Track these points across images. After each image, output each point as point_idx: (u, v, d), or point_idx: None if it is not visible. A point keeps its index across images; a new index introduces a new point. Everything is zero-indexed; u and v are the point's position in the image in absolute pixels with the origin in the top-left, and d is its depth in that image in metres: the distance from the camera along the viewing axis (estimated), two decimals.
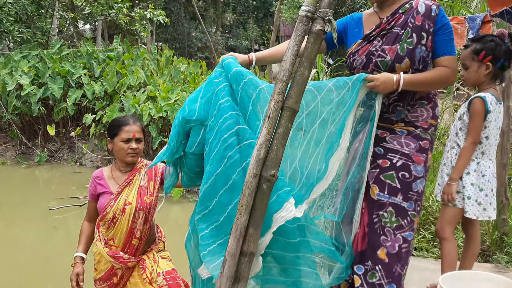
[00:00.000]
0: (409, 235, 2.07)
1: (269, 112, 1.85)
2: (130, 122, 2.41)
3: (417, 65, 2.01)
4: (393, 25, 2.05)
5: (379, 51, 2.05)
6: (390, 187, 2.05)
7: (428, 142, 2.10)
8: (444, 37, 2.02)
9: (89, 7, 10.79)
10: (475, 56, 2.33)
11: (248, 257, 1.91)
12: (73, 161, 8.48)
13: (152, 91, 7.49)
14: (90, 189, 2.46)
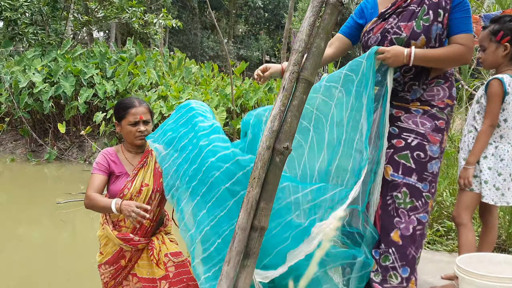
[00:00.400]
0: (423, 217, 2.01)
1: (284, 83, 1.82)
2: (136, 104, 2.34)
3: (433, 43, 1.97)
4: (409, 3, 2.02)
5: (395, 28, 2.02)
6: (404, 167, 2.00)
7: (444, 122, 2.04)
8: (461, 14, 1.97)
9: (103, 10, 10.93)
10: (493, 37, 2.24)
11: (259, 231, 1.86)
12: (82, 159, 8.51)
13: (164, 90, 7.52)
14: (101, 163, 2.33)
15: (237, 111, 7.20)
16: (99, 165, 2.32)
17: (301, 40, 1.83)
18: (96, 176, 2.29)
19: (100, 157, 2.35)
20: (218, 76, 9.60)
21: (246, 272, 1.89)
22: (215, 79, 8.94)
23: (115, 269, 2.36)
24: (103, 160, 2.33)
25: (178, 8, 20.82)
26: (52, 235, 5.10)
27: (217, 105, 6.84)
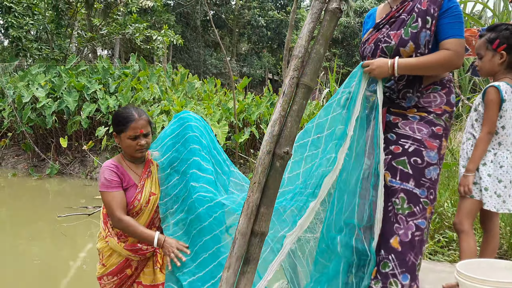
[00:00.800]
0: (421, 223, 2.00)
1: (284, 89, 1.84)
2: (136, 117, 2.24)
3: (423, 49, 1.99)
4: (401, 12, 2.06)
5: (385, 37, 2.06)
6: (402, 173, 2.01)
7: (441, 128, 2.04)
8: (450, 20, 1.98)
9: (107, 27, 11.10)
10: (489, 45, 2.30)
11: (259, 237, 1.86)
12: (84, 174, 8.52)
13: (166, 105, 7.57)
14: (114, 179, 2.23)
15: (240, 125, 7.22)
16: (113, 181, 2.23)
17: (300, 46, 1.86)
18: (115, 194, 2.21)
19: (109, 173, 2.25)
20: (221, 91, 9.68)
21: (246, 279, 1.88)
22: (218, 94, 9.00)
23: (119, 279, 2.31)
24: (114, 175, 2.25)
25: (182, 26, 21.10)
26: (53, 249, 5.07)
27: (219, 119, 6.87)
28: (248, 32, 26.66)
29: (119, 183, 2.23)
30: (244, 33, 26.91)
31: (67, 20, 10.64)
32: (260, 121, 7.54)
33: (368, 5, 22.18)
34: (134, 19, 10.91)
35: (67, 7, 10.42)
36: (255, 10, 25.14)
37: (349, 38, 21.87)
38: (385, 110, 2.13)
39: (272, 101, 8.14)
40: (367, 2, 22.56)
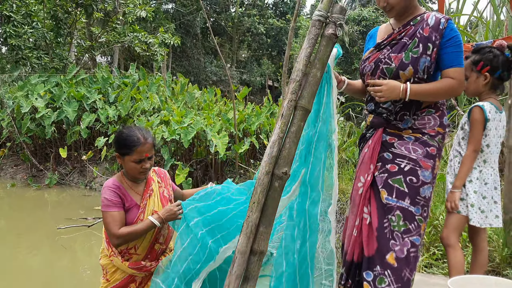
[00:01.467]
0: (416, 240, 2.06)
1: (283, 111, 1.89)
2: (141, 141, 2.23)
3: (421, 74, 2.06)
4: (403, 36, 2.12)
5: (386, 59, 2.12)
6: (398, 191, 2.07)
7: (435, 149, 2.11)
8: (452, 49, 2.05)
9: (106, 36, 11.17)
10: (474, 66, 2.40)
11: (258, 255, 1.89)
12: (83, 184, 8.54)
13: (166, 115, 7.62)
14: (114, 199, 2.25)
15: (240, 136, 7.27)
16: (114, 201, 2.24)
17: (298, 70, 1.91)
18: (115, 213, 2.22)
19: (110, 193, 2.25)
20: (221, 101, 9.73)
21: None
22: (218, 104, 9.06)
23: None
24: (116, 196, 2.26)
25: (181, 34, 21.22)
26: (53, 261, 5.08)
27: (220, 130, 6.91)
28: (248, 39, 26.82)
29: (120, 203, 2.25)
30: (244, 40, 27.07)
31: (67, 29, 10.72)
32: (260, 131, 7.59)
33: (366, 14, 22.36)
34: (131, 29, 10.98)
35: (66, 16, 10.50)
36: (255, 17, 25.30)
37: (348, 46, 21.95)
38: (381, 130, 2.19)
39: (272, 111, 8.20)
40: (366, 11, 22.75)
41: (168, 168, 6.95)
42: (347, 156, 6.75)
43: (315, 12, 1.94)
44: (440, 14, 2.11)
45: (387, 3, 2.08)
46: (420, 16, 2.12)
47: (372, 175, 2.16)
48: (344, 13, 1.97)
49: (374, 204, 2.12)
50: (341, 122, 8.71)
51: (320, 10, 1.94)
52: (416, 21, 2.12)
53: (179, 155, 7.22)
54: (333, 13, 1.96)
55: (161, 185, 2.48)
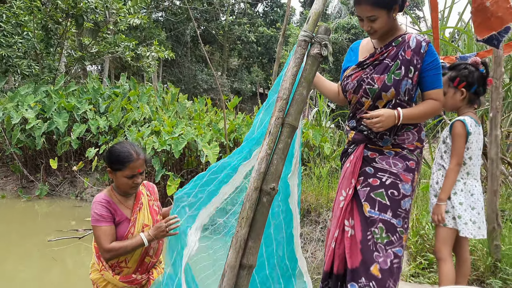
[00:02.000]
0: (399, 251, 2.14)
1: (270, 128, 1.94)
2: (134, 157, 2.27)
3: (402, 96, 2.16)
4: (385, 56, 2.21)
5: (369, 79, 2.21)
6: (380, 204, 2.15)
7: (414, 163, 2.22)
8: (433, 72, 2.17)
9: (96, 46, 11.18)
10: (451, 82, 2.50)
11: (247, 270, 1.94)
12: (73, 195, 8.50)
13: (157, 125, 7.64)
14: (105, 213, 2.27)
15: (230, 146, 7.31)
16: (104, 216, 2.26)
17: (285, 88, 1.97)
18: (106, 228, 2.25)
19: (100, 208, 2.28)
20: (212, 110, 9.78)
21: None
22: (209, 114, 9.10)
23: None
24: (106, 211, 2.29)
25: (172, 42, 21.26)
26: (43, 274, 5.06)
27: (210, 140, 6.95)
28: (238, 48, 26.95)
29: (110, 218, 2.28)
30: (235, 48, 27.19)
31: (57, 40, 10.71)
32: None
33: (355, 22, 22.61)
34: (122, 39, 11.01)
35: (57, 26, 10.50)
36: (245, 26, 25.46)
37: (338, 54, 22.20)
38: (363, 146, 2.28)
39: None
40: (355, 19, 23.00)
41: (159, 179, 6.96)
42: (337, 165, 6.82)
43: (300, 33, 2.01)
44: (420, 36, 2.20)
45: (371, 27, 2.16)
46: (402, 37, 2.20)
47: (354, 189, 2.24)
48: (329, 33, 2.04)
49: (357, 217, 2.20)
50: (331, 131, 8.80)
51: (305, 30, 2.01)
52: (398, 42, 2.20)
53: (170, 166, 7.24)
54: (318, 34, 2.03)
55: (150, 198, 2.52)
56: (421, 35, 2.22)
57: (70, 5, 9.70)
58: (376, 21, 2.13)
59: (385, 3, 2.10)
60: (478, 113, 4.41)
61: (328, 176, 6.25)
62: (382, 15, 2.12)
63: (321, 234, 4.75)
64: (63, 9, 9.76)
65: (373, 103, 2.22)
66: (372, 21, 2.13)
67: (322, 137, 7.37)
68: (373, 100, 2.20)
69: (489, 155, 3.11)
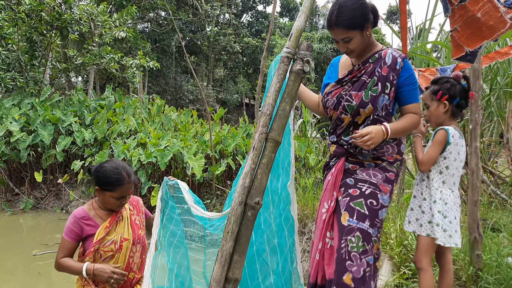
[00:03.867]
0: (371, 260, 2.18)
1: (254, 143, 1.98)
2: (126, 180, 2.26)
3: (380, 111, 2.21)
4: (363, 73, 2.27)
5: (347, 96, 2.27)
6: (359, 213, 2.19)
7: (393, 174, 2.28)
8: (410, 87, 2.24)
9: (81, 58, 11.13)
10: (434, 96, 2.57)
11: (233, 283, 1.96)
12: (59, 208, 8.41)
13: (143, 138, 7.63)
14: (73, 229, 2.28)
15: (216, 157, 7.33)
16: (71, 231, 2.28)
17: (268, 104, 2.02)
18: (67, 242, 2.28)
19: (73, 222, 2.29)
20: (197, 122, 9.79)
21: None
22: (194, 126, 9.11)
23: None
24: (76, 227, 2.29)
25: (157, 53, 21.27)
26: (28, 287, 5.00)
27: (196, 152, 6.96)
28: (224, 58, 27.06)
29: (77, 236, 2.29)
30: (220, 59, 27.30)
31: (41, 52, 10.65)
32: (237, 152, 7.67)
33: None
34: (107, 51, 10.99)
35: (41, 38, 10.45)
36: (231, 36, 25.60)
37: (323, 64, 22.48)
38: (344, 159, 2.34)
39: (248, 132, 8.30)
40: None
41: (146, 191, 6.94)
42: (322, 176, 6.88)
43: (283, 49, 2.06)
44: (396, 52, 2.25)
45: (347, 48, 2.22)
46: (378, 53, 2.26)
47: (335, 202, 2.29)
48: (311, 49, 2.10)
49: (335, 227, 2.25)
50: (316, 141, 8.87)
51: (288, 47, 2.06)
52: (375, 58, 2.26)
53: (156, 178, 7.22)
54: (300, 50, 2.09)
55: (133, 212, 2.51)
56: (397, 51, 2.27)
57: (55, 17, 9.66)
58: (351, 41, 2.18)
59: (356, 24, 2.14)
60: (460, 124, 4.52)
61: (313, 187, 6.31)
62: (356, 36, 2.17)
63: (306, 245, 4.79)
64: (48, 21, 9.72)
65: (352, 119, 2.27)
66: (347, 42, 2.19)
67: (307, 148, 7.44)
68: (352, 116, 2.26)
69: (469, 165, 3.18)
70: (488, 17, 2.50)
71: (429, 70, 4.01)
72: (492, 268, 3.00)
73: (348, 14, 2.12)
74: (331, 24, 2.16)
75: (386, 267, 3.40)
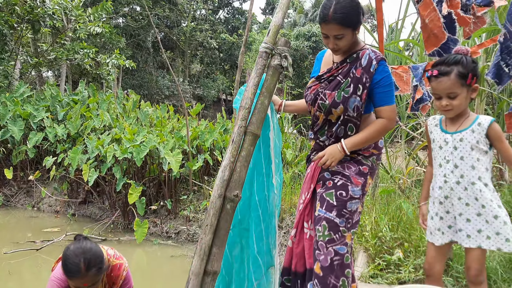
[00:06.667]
0: (340, 249, 2.22)
1: (233, 137, 2.00)
2: (79, 274, 2.04)
3: (351, 112, 2.25)
4: (339, 73, 2.32)
5: (322, 94, 2.32)
6: (328, 204, 2.27)
7: (367, 168, 2.33)
8: (382, 89, 2.25)
9: (54, 52, 10.85)
10: (463, 81, 2.11)
11: (211, 276, 1.98)
12: (30, 206, 8.21)
13: (118, 133, 7.51)
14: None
15: (193, 153, 7.29)
16: None
17: (247, 98, 2.04)
18: None
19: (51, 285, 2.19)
20: (174, 117, 9.70)
21: None
22: (171, 121, 9.03)
23: None
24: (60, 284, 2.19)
25: (132, 48, 20.94)
26: None
27: (173, 147, 6.90)
28: (200, 54, 26.89)
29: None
30: (197, 54, 27.11)
31: (12, 45, 10.34)
32: (214, 148, 7.65)
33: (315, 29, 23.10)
34: (82, 46, 10.75)
35: (12, 32, 10.14)
36: (207, 32, 25.45)
37: (299, 61, 22.62)
38: None
39: (226, 127, 8.28)
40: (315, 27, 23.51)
41: (120, 187, 6.84)
42: (299, 170, 6.96)
43: (261, 45, 2.09)
44: (374, 53, 2.27)
45: (336, 45, 2.23)
46: (356, 53, 2.29)
47: (312, 193, 2.37)
48: (289, 45, 2.12)
49: (312, 218, 2.33)
50: (293, 137, 8.95)
51: (266, 43, 2.09)
52: (352, 58, 2.30)
53: (132, 174, 7.12)
54: (278, 45, 2.12)
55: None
56: (374, 51, 2.29)
57: (27, 10, 9.39)
58: (342, 39, 2.20)
59: (351, 22, 2.16)
60: None
61: (291, 182, 6.37)
62: (348, 34, 2.19)
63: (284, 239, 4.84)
64: (19, 14, 9.44)
65: (325, 117, 2.33)
66: (339, 39, 2.20)
67: (284, 143, 7.49)
68: (325, 114, 2.32)
69: None
70: (433, 25, 2.57)
71: (401, 67, 4.10)
72: (461, 257, 3.11)
73: (346, 11, 2.13)
74: (328, 18, 2.14)
75: (361, 259, 3.49)
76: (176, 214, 6.88)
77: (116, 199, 7.28)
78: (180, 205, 6.98)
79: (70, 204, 7.94)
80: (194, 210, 6.73)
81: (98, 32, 10.78)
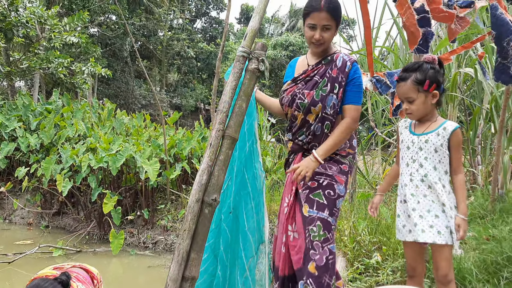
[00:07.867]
0: (332, 247, 2.29)
1: (211, 140, 1.99)
2: None
3: (328, 110, 2.35)
4: (316, 74, 2.41)
5: (300, 94, 2.40)
6: (318, 204, 2.31)
7: (347, 166, 2.41)
8: (353, 88, 2.36)
9: (27, 61, 10.61)
10: (420, 86, 2.21)
11: (190, 282, 1.94)
12: (1, 218, 7.95)
13: (93, 142, 7.37)
14: None
15: (171, 161, 7.22)
16: None
17: (225, 101, 2.03)
18: None
19: None
20: (151, 126, 9.60)
21: None
22: (148, 130, 8.92)
23: None
24: None
25: (108, 57, 20.67)
26: None
27: (150, 156, 6.82)
28: (177, 63, 26.79)
29: None
30: (174, 63, 27.01)
31: None
32: (192, 156, 7.59)
33: (293, 39, 23.38)
34: (56, 55, 10.54)
35: None
36: (185, 41, 25.41)
37: (277, 70, 22.84)
38: (300, 154, 2.46)
39: (204, 135, 8.24)
40: (292, 37, 23.79)
41: (96, 198, 6.71)
42: (278, 178, 6.97)
43: (239, 49, 2.09)
44: (346, 56, 2.39)
45: (322, 37, 2.31)
46: (331, 56, 2.41)
47: (294, 195, 2.40)
48: (265, 49, 2.14)
49: (299, 219, 2.36)
50: (271, 144, 8.97)
51: (243, 47, 2.09)
52: (327, 60, 2.41)
53: (107, 183, 6.99)
54: (255, 50, 2.12)
55: None
56: (347, 55, 2.41)
57: None
58: (328, 31, 2.31)
59: (339, 17, 2.31)
60: None
61: (270, 189, 6.37)
62: (333, 28, 2.32)
63: None
64: None
65: (304, 117, 2.39)
66: (325, 31, 2.30)
67: (263, 150, 7.50)
68: (304, 113, 2.38)
69: None
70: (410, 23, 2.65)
71: (377, 73, 4.19)
72: None
73: (337, 4, 2.29)
74: (321, 7, 2.25)
75: (340, 263, 3.50)
76: (154, 224, 6.77)
77: (92, 210, 7.12)
78: (157, 214, 6.88)
79: (44, 216, 7.73)
80: (172, 219, 6.65)
81: (74, 42, 10.61)
